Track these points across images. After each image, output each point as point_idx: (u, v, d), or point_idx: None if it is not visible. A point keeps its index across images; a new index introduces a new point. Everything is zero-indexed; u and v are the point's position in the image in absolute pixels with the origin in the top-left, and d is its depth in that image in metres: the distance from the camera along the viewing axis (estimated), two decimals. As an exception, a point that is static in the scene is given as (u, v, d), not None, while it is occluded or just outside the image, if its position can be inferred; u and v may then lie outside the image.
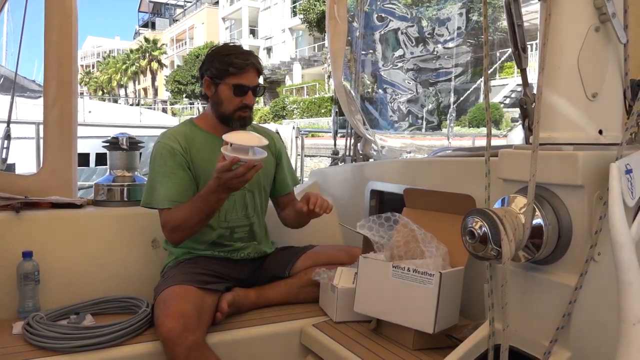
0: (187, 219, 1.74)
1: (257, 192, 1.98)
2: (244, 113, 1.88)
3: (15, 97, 2.48)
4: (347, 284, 1.78)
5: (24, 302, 1.79)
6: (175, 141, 1.85)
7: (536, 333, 1.06)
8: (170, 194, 1.79)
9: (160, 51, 43.72)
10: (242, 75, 1.85)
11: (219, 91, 1.87)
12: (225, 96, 1.86)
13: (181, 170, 1.82)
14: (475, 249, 1.01)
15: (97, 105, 13.76)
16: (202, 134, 1.91)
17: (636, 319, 0.85)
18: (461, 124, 16.00)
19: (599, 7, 1.03)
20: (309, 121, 22.79)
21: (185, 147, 1.85)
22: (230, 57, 1.84)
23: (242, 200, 1.94)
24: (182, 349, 1.47)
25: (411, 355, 1.52)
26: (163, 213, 1.80)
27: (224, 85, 1.85)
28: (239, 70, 1.84)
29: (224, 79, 1.85)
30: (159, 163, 1.83)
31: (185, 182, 1.82)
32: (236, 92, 1.85)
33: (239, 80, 1.85)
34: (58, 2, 2.13)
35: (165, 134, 1.89)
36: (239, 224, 1.94)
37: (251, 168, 1.58)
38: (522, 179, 1.06)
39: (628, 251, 0.87)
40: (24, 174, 2.31)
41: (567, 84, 1.05)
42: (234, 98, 1.85)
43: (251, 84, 1.87)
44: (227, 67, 1.83)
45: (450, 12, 14.82)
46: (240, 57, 1.85)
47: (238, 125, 1.89)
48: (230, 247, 1.93)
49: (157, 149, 1.86)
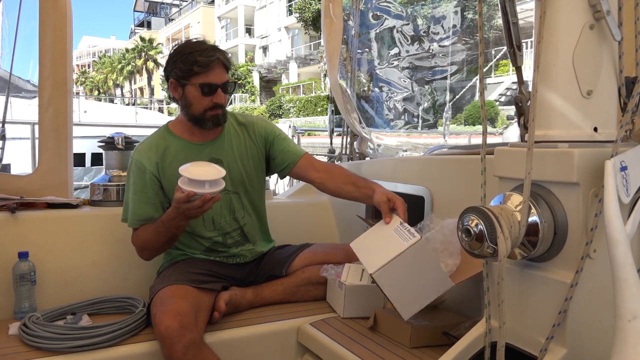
0: (151, 241, 1.75)
1: (243, 191, 1.93)
2: (215, 112, 1.80)
3: (10, 97, 2.47)
4: (354, 280, 1.79)
5: (20, 303, 1.79)
6: (145, 157, 1.81)
7: (532, 330, 1.07)
8: (138, 214, 1.79)
9: (156, 50, 43.57)
10: (208, 73, 1.75)
11: (186, 92, 1.78)
12: (193, 97, 1.77)
13: (149, 189, 1.80)
14: (472, 247, 1.01)
15: (93, 105, 13.75)
16: (176, 141, 1.86)
17: (632, 315, 0.85)
18: (457, 121, 16.02)
19: (593, 4, 1.03)
20: (306, 120, 22.79)
21: (157, 161, 1.81)
22: (193, 54, 1.74)
23: (228, 204, 1.90)
24: (179, 347, 1.47)
25: (408, 353, 1.52)
26: (132, 232, 1.83)
27: (190, 85, 1.77)
28: (204, 68, 1.74)
29: (189, 79, 1.76)
30: (131, 180, 1.83)
31: (153, 202, 1.80)
32: (204, 92, 1.76)
33: (205, 79, 1.75)
34: (53, 1, 2.12)
35: (139, 148, 1.85)
36: (230, 229, 1.91)
37: (207, 201, 1.55)
38: (517, 177, 1.06)
39: (623, 248, 0.87)
40: (19, 174, 2.30)
41: (562, 81, 1.06)
42: (202, 98, 1.77)
43: (219, 81, 1.78)
44: (191, 66, 1.73)
45: (446, 10, 14.83)
46: (204, 53, 1.74)
47: (211, 125, 1.82)
48: (226, 252, 1.91)
49: (130, 164, 1.84)
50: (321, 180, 1.92)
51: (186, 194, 1.53)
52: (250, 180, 1.94)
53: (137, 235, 1.80)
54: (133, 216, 1.80)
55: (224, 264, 1.90)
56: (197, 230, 1.87)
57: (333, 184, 1.90)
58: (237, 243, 1.93)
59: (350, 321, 1.76)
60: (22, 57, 3.09)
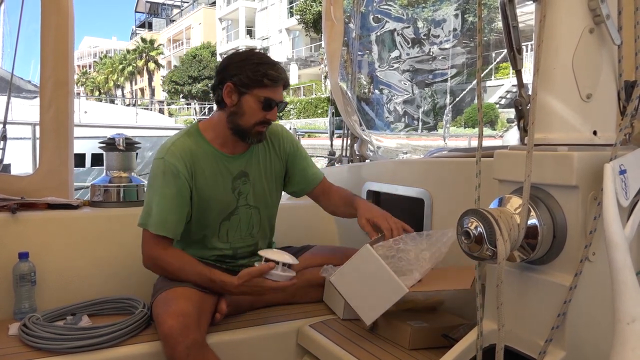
0: (174, 272, 1.69)
1: (263, 207, 1.89)
2: (262, 128, 1.75)
3: (11, 97, 2.47)
4: None
5: (20, 303, 1.79)
6: (180, 160, 1.70)
7: (531, 333, 1.07)
8: (165, 221, 1.69)
9: (157, 51, 43.66)
10: (275, 89, 1.71)
11: (242, 101, 1.70)
12: (249, 108, 1.70)
13: (180, 197, 1.71)
14: (471, 249, 1.01)
15: (93, 105, 13.74)
16: (208, 149, 1.77)
17: (630, 318, 0.85)
18: (457, 124, 16.04)
19: (593, 8, 1.04)
20: (306, 122, 22.79)
21: (191, 168, 1.72)
22: (264, 66, 1.69)
23: (248, 219, 1.86)
24: (182, 348, 1.47)
25: (407, 355, 1.52)
26: (150, 236, 1.70)
27: (250, 96, 1.69)
28: (274, 83, 1.70)
29: (253, 89, 1.69)
30: (159, 183, 1.70)
31: (182, 210, 1.72)
32: (265, 106, 1.70)
33: (270, 94, 1.70)
34: (54, 2, 2.13)
35: (171, 150, 1.72)
36: (242, 244, 1.87)
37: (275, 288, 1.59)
38: (517, 180, 1.07)
39: (622, 251, 0.88)
40: (20, 174, 2.31)
41: (561, 85, 1.06)
42: (259, 112, 1.71)
43: (279, 99, 1.74)
44: (261, 77, 1.67)
45: (446, 13, 14.84)
46: (275, 69, 1.71)
47: (254, 141, 1.77)
48: (233, 263, 1.89)
49: (160, 166, 1.70)
50: (326, 205, 2.02)
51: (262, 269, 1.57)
52: (271, 195, 1.92)
53: (161, 253, 1.70)
54: (158, 223, 1.68)
55: (230, 270, 1.90)
56: (210, 243, 1.84)
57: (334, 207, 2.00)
58: (246, 256, 1.91)
59: (349, 323, 1.76)
60: (23, 58, 3.12)
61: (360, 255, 1.55)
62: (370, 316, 1.55)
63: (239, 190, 1.83)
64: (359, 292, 1.55)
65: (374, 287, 1.51)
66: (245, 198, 1.84)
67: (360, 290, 1.55)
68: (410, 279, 1.51)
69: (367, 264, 1.53)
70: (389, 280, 1.49)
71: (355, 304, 1.56)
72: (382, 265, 1.51)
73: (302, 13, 27.72)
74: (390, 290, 1.49)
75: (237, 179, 1.82)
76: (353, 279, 1.56)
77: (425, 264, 1.56)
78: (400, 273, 1.53)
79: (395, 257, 1.59)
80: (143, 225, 1.72)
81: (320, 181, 1.98)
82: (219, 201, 1.79)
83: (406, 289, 1.48)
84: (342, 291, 1.58)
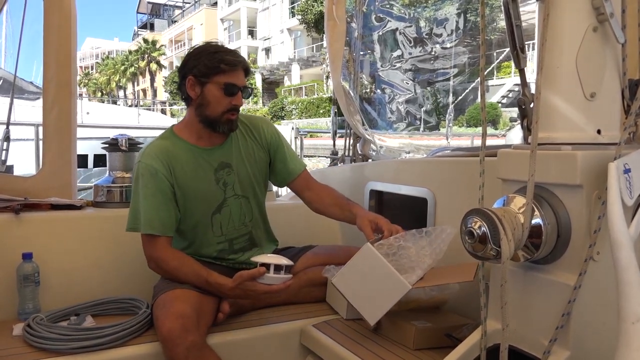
0: (174, 272, 1.71)
1: (252, 195, 1.91)
2: (232, 116, 1.77)
3: (14, 98, 2.48)
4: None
5: (24, 304, 1.79)
6: (157, 160, 1.73)
7: (535, 332, 1.07)
8: (152, 219, 1.71)
9: (159, 52, 43.68)
10: (233, 73, 1.74)
11: (205, 91, 1.74)
12: (213, 97, 1.74)
13: (162, 194, 1.72)
14: (475, 249, 1.01)
15: (96, 106, 13.76)
16: (184, 146, 1.80)
17: (635, 317, 0.85)
18: (459, 123, 16.02)
19: (597, 7, 1.03)
20: (308, 122, 22.79)
21: (169, 166, 1.74)
22: (220, 54, 1.73)
23: (238, 209, 1.88)
24: (181, 349, 1.47)
25: (411, 355, 1.52)
26: (146, 239, 1.72)
27: (212, 84, 1.73)
28: (231, 67, 1.72)
29: (212, 77, 1.72)
30: (140, 184, 1.73)
31: (167, 207, 1.73)
32: (227, 92, 1.73)
33: (230, 79, 1.73)
34: (57, 3, 2.13)
35: (147, 152, 1.76)
36: (237, 235, 1.89)
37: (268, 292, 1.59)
38: (521, 179, 1.06)
39: (627, 250, 0.87)
40: (23, 175, 2.31)
41: (565, 84, 1.06)
42: (223, 98, 1.74)
43: (241, 83, 1.76)
44: (218, 63, 1.71)
45: (448, 13, 14.82)
46: (231, 54, 1.75)
47: (225, 130, 1.79)
48: (232, 260, 1.89)
49: (139, 169, 1.74)
50: (310, 200, 1.98)
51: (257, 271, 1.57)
52: (258, 183, 1.93)
53: (160, 254, 1.71)
54: (147, 222, 1.70)
55: (231, 268, 1.90)
56: (206, 239, 1.85)
57: (320, 204, 1.96)
58: (243, 248, 1.92)
59: (353, 323, 1.76)
60: (25, 59, 3.12)
61: (362, 254, 1.55)
62: (374, 316, 1.54)
63: (224, 181, 1.84)
64: (362, 292, 1.55)
65: (377, 285, 1.51)
66: (233, 188, 1.85)
67: (363, 290, 1.55)
68: (413, 276, 1.51)
69: (368, 263, 1.53)
70: (391, 278, 1.49)
71: (359, 305, 1.56)
72: (384, 263, 1.50)
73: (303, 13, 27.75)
74: (393, 287, 1.49)
75: (219, 170, 1.83)
76: (355, 279, 1.55)
77: (426, 260, 1.56)
78: (402, 271, 1.53)
79: (396, 254, 1.59)
80: (133, 230, 1.74)
81: (302, 172, 1.98)
82: (204, 194, 1.81)
83: (409, 285, 1.48)
84: (344, 292, 1.58)
